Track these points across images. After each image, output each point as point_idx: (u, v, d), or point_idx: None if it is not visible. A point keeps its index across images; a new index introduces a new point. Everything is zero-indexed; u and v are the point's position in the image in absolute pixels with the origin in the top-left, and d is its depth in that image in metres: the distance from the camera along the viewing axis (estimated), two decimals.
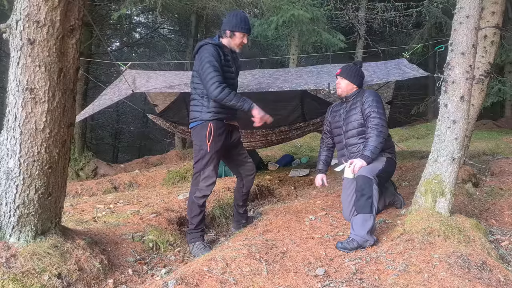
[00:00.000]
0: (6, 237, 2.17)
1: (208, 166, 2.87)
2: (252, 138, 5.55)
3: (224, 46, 2.92)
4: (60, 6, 2.04)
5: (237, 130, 3.12)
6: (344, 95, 3.16)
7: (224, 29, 2.91)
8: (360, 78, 3.16)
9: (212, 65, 2.73)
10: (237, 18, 2.89)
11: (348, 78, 3.12)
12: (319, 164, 3.34)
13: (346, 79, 3.12)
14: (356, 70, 3.16)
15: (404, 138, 11.36)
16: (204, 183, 2.89)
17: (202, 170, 2.88)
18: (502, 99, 10.42)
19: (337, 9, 11.93)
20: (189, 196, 2.99)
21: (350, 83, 3.12)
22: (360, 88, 3.16)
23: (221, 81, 2.72)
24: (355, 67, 3.19)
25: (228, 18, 2.93)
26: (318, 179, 3.26)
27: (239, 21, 2.88)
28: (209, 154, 2.85)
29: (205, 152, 2.84)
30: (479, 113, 4.73)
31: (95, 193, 5.09)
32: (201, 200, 2.92)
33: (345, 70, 3.15)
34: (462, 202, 3.42)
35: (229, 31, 2.89)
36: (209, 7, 8.67)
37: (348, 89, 3.13)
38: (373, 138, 2.86)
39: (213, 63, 2.73)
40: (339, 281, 2.08)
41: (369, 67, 4.51)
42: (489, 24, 4.37)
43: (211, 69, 2.72)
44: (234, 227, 3.36)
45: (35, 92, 2.06)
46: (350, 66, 3.22)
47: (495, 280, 2.01)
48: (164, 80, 4.59)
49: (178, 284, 1.94)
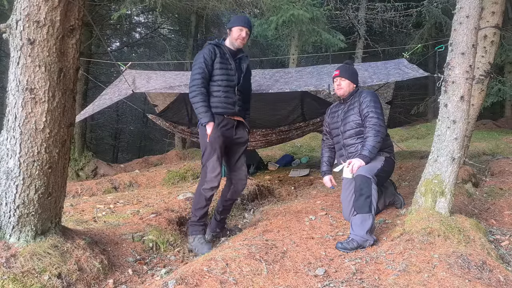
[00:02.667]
0: (6, 237, 2.17)
1: (211, 157, 2.93)
2: (252, 138, 5.55)
3: (223, 46, 3.07)
4: (60, 6, 2.04)
5: (244, 128, 3.16)
6: (346, 94, 3.17)
7: (228, 27, 3.12)
8: (357, 76, 3.23)
9: (198, 67, 2.94)
10: (234, 17, 3.13)
11: (348, 77, 3.14)
12: (323, 165, 3.34)
13: (347, 79, 3.14)
14: (352, 69, 3.23)
15: (404, 138, 11.36)
16: (211, 173, 2.93)
17: (207, 162, 2.94)
18: (502, 99, 10.42)
19: (337, 9, 11.93)
20: (197, 189, 3.01)
21: (351, 83, 3.15)
22: (357, 87, 3.19)
23: (199, 85, 2.91)
24: (351, 67, 3.27)
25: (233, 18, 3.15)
26: (327, 180, 3.27)
27: (235, 18, 3.11)
28: (210, 144, 2.91)
29: (207, 143, 2.91)
30: (479, 113, 4.73)
31: (95, 193, 5.09)
32: (209, 192, 2.94)
33: (344, 71, 3.17)
34: (462, 202, 3.42)
35: (228, 29, 3.11)
36: (209, 7, 8.67)
37: (350, 89, 3.15)
38: (371, 138, 2.87)
39: (201, 65, 2.94)
40: (339, 281, 2.08)
41: (369, 67, 4.51)
42: (489, 24, 4.37)
43: (196, 71, 2.94)
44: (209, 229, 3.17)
45: (35, 92, 2.06)
46: (347, 66, 3.25)
47: (495, 280, 2.01)
48: (164, 80, 4.59)
49: (178, 284, 1.94)
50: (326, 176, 3.29)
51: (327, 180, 3.27)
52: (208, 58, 2.94)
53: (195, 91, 2.90)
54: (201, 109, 2.88)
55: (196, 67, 2.94)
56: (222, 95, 2.97)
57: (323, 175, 3.32)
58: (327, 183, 3.27)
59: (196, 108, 2.90)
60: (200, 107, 2.88)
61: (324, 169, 3.32)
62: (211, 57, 2.95)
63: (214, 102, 2.95)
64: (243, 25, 3.03)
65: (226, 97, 2.98)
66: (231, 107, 3.01)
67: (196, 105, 2.89)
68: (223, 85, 2.98)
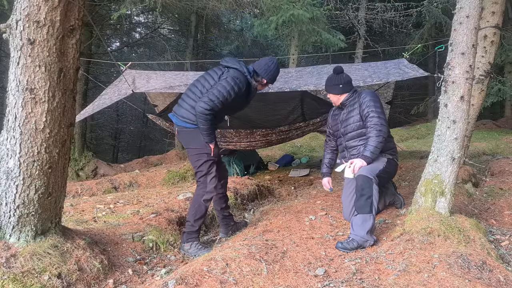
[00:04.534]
0: (6, 237, 2.17)
1: (212, 168, 2.93)
2: (252, 138, 5.55)
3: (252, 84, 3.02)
4: (60, 6, 2.04)
5: None
6: (339, 104, 3.16)
7: (262, 76, 3.01)
8: (343, 85, 3.08)
9: (228, 94, 2.79)
10: (274, 69, 3.03)
11: (332, 91, 3.13)
12: (323, 167, 3.35)
13: (331, 93, 3.15)
14: (335, 79, 3.11)
15: (404, 138, 11.36)
16: (212, 184, 2.93)
17: (209, 172, 2.93)
18: (502, 99, 10.42)
19: (337, 9, 11.93)
20: (195, 199, 2.99)
21: (335, 95, 3.13)
22: (350, 92, 3.11)
23: (214, 108, 2.76)
24: (334, 77, 3.12)
25: (268, 65, 3.02)
26: (325, 182, 3.29)
27: (275, 73, 3.04)
28: (214, 157, 2.91)
29: (210, 155, 2.89)
30: (479, 113, 4.73)
31: (95, 193, 5.09)
32: (209, 203, 2.99)
33: (327, 85, 3.16)
34: (462, 202, 3.42)
35: (266, 80, 3.03)
36: (209, 7, 8.67)
37: (340, 99, 3.14)
38: (373, 138, 2.86)
39: (229, 93, 2.79)
40: (339, 281, 2.08)
41: (369, 67, 4.51)
42: (489, 24, 4.37)
43: (223, 95, 2.77)
44: (223, 232, 3.25)
45: (35, 92, 2.06)
46: (329, 78, 3.16)
47: (495, 280, 2.01)
48: (164, 80, 4.59)
49: (178, 284, 1.94)
50: (324, 178, 3.30)
51: (325, 182, 3.28)
52: (239, 92, 2.85)
53: (210, 114, 2.76)
54: (209, 131, 2.81)
55: (226, 90, 2.78)
56: (223, 117, 3.08)
57: (322, 176, 3.34)
58: (325, 185, 3.28)
59: (205, 129, 2.80)
60: (208, 129, 2.80)
61: (324, 171, 3.33)
62: (239, 92, 2.86)
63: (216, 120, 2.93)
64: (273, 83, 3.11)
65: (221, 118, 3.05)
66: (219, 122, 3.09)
67: (206, 126, 2.78)
68: (227, 113, 3.10)
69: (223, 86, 2.80)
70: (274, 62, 3.04)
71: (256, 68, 3.01)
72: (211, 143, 2.85)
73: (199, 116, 2.76)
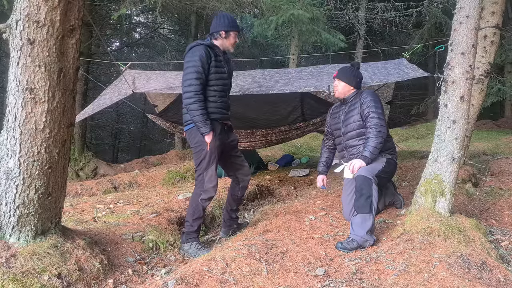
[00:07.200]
0: (6, 237, 2.17)
1: (210, 166, 2.86)
2: (252, 138, 5.55)
3: (216, 47, 2.92)
4: (60, 6, 2.04)
5: (232, 130, 3.14)
6: (342, 97, 3.16)
7: (218, 30, 2.92)
8: (357, 80, 3.13)
9: (195, 70, 2.73)
10: (229, 18, 2.95)
11: (345, 80, 3.12)
12: (320, 165, 3.36)
13: (343, 81, 3.12)
14: (353, 71, 3.15)
15: (404, 138, 11.36)
16: (209, 183, 2.87)
17: (206, 171, 2.86)
18: (502, 99, 10.42)
19: (337, 9, 11.94)
20: (192, 198, 2.94)
21: (346, 85, 3.12)
22: (358, 90, 3.15)
23: (197, 91, 2.73)
24: (352, 69, 3.17)
25: (219, 19, 2.95)
26: (319, 180, 3.30)
27: (231, 21, 2.94)
28: (210, 153, 2.83)
29: (206, 151, 2.82)
30: (479, 113, 4.72)
31: (95, 193, 5.09)
32: (207, 203, 2.92)
33: (342, 72, 3.15)
34: (462, 202, 3.42)
35: (224, 31, 2.91)
36: (209, 7, 8.67)
37: (345, 91, 3.13)
38: (372, 139, 2.87)
39: (198, 69, 2.74)
40: (339, 281, 2.08)
41: (369, 68, 4.51)
42: (489, 24, 4.37)
43: (193, 75, 2.73)
44: (224, 232, 3.26)
45: (35, 92, 2.06)
46: (347, 67, 3.21)
47: (495, 280, 2.01)
48: (164, 81, 4.59)
49: (178, 284, 1.94)
50: (319, 176, 3.31)
51: (319, 180, 3.29)
52: (205, 61, 2.76)
53: (193, 98, 2.71)
54: (201, 117, 2.72)
55: (192, 70, 2.74)
56: (218, 100, 2.88)
57: (317, 174, 3.35)
58: (319, 183, 3.29)
59: (195, 116, 2.73)
60: (199, 115, 2.72)
61: (320, 169, 3.34)
62: (207, 61, 2.78)
63: (211, 108, 2.83)
64: (239, 31, 2.96)
65: (221, 102, 2.91)
66: (226, 112, 2.97)
67: (195, 112, 2.72)
68: (218, 90, 2.87)
69: (187, 66, 2.78)
70: (222, 13, 2.99)
71: (211, 31, 2.97)
72: (207, 133, 2.74)
73: (187, 107, 2.75)
